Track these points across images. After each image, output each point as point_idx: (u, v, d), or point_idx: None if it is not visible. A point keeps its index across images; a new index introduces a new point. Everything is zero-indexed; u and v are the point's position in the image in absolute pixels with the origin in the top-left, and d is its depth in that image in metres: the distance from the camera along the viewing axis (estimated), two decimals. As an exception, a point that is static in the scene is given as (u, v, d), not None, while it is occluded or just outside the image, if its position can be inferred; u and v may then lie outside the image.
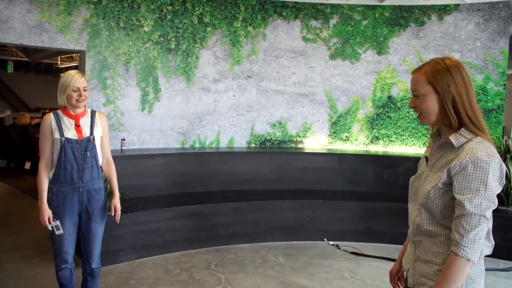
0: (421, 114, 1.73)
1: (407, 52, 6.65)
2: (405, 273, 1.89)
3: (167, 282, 4.14)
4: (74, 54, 10.52)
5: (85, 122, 3.06)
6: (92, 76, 5.65)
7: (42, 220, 2.93)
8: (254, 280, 4.26)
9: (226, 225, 5.21)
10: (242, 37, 6.50)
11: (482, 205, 1.56)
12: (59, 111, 3.04)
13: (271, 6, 6.55)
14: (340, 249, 5.18)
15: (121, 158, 5.41)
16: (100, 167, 3.16)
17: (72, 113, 3.03)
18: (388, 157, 6.25)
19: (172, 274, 4.34)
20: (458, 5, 6.44)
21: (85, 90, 2.98)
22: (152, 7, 5.95)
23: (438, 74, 1.65)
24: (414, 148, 6.67)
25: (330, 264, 4.66)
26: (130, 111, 5.97)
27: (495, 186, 1.57)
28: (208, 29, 6.32)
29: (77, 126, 3.01)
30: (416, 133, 6.66)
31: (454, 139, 1.64)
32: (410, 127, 6.67)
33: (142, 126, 6.08)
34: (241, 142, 6.65)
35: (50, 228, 2.96)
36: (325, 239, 5.41)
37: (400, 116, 6.69)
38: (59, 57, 13.13)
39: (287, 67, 6.69)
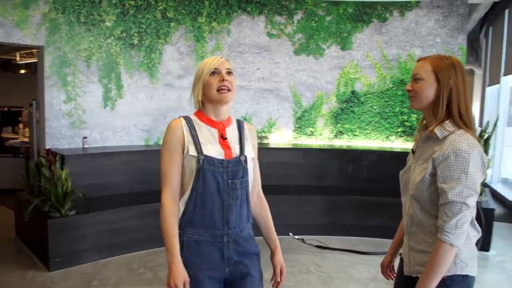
0: (414, 97, 1.81)
1: (370, 47, 6.75)
2: (397, 263, 2.05)
3: (131, 282, 4.09)
4: (34, 50, 10.24)
5: (231, 134, 1.94)
6: (52, 73, 5.51)
7: (172, 285, 1.77)
8: (219, 277, 4.25)
9: (191, 222, 5.17)
10: (207, 33, 6.45)
11: (463, 193, 1.65)
12: (192, 116, 1.97)
13: (235, 2, 6.52)
14: (305, 243, 5.23)
15: (82, 157, 5.32)
16: None
17: (214, 118, 1.93)
18: (352, 151, 6.35)
19: (136, 273, 4.29)
20: (419, 2, 6.58)
21: (229, 74, 1.90)
22: (114, 1, 5.83)
23: (443, 66, 1.75)
24: (377, 142, 6.80)
25: (295, 258, 4.70)
26: (92, 108, 5.86)
27: (477, 175, 1.66)
28: (172, 24, 6.25)
29: (223, 138, 1.90)
30: (379, 127, 6.78)
31: (438, 131, 1.74)
32: (373, 122, 6.79)
33: (105, 124, 5.97)
34: (206, 138, 6.60)
35: None
36: (291, 234, 5.45)
37: (364, 111, 6.80)
38: (18, 53, 12.71)
39: (252, 62, 6.69)
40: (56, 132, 5.64)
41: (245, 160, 1.90)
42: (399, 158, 5.83)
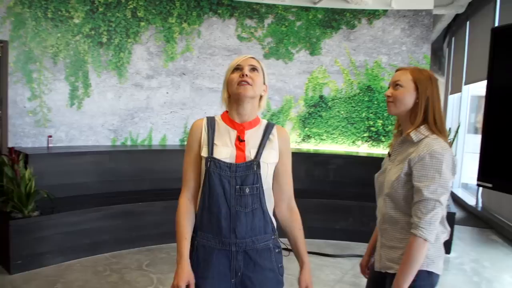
0: (393, 103, 1.96)
1: (338, 53, 6.86)
2: (372, 259, 2.18)
3: (96, 285, 4.01)
4: None
5: (253, 137, 1.85)
6: (16, 69, 5.36)
7: (175, 284, 1.77)
8: (187, 279, 4.22)
9: (158, 224, 5.13)
10: (177, 34, 6.42)
11: (437, 191, 1.78)
12: (217, 117, 1.93)
13: (206, 4, 6.51)
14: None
15: (47, 156, 5.19)
16: (274, 216, 1.94)
17: (236, 118, 1.86)
18: (319, 155, 6.42)
19: (102, 276, 4.21)
20: (386, 10, 6.74)
21: (253, 70, 1.84)
22: (82, -2, 5.73)
23: (422, 78, 1.92)
24: (344, 146, 6.91)
25: (262, 261, 4.71)
26: (58, 106, 5.72)
27: (448, 175, 1.81)
28: (142, 24, 6.18)
29: (240, 141, 1.83)
30: (346, 131, 6.89)
31: (414, 135, 1.89)
32: (340, 126, 6.90)
33: (71, 123, 5.84)
34: (174, 140, 6.57)
35: None
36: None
37: (331, 115, 6.90)
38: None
39: (222, 65, 6.69)
40: (19, 130, 5.48)
41: (258, 165, 1.77)
42: (365, 162, 6.00)
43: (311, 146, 6.96)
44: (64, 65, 5.71)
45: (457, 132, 6.35)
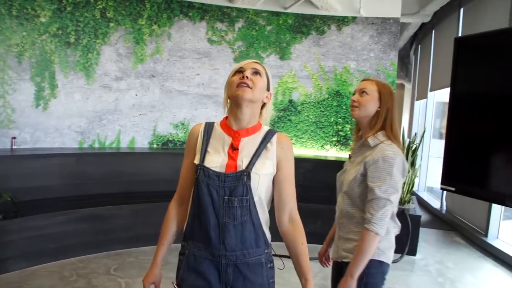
0: (358, 107, 2.17)
1: (308, 58, 6.93)
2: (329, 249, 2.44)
3: (62, 290, 3.94)
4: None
5: (248, 145, 1.73)
6: (-21, 68, 5.21)
7: (143, 283, 1.88)
8: (155, 283, 4.19)
9: (126, 227, 5.07)
10: (147, 35, 6.36)
11: (388, 191, 2.00)
12: (216, 123, 1.84)
13: (177, 6, 6.49)
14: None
15: (11, 158, 5.06)
16: (272, 227, 1.83)
17: (234, 125, 1.77)
18: (289, 159, 6.44)
19: (68, 281, 4.13)
20: (355, 18, 6.86)
21: (256, 74, 1.76)
22: (49, -3, 5.62)
23: (385, 91, 2.16)
24: (313, 150, 6.98)
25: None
26: (22, 107, 5.59)
27: (399, 177, 2.03)
28: (111, 24, 6.11)
29: (233, 149, 1.72)
30: (315, 136, 6.97)
31: (371, 140, 2.11)
32: (309, 130, 6.97)
33: (36, 124, 5.71)
34: (142, 143, 6.51)
35: None
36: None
37: (300, 120, 6.96)
38: None
39: (192, 67, 6.67)
40: (-19, 131, 5.34)
41: (248, 176, 1.65)
42: (334, 166, 6.06)
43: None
44: (30, 64, 5.58)
45: (422, 137, 6.50)
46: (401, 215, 5.31)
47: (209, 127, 1.80)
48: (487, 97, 2.50)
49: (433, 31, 9.07)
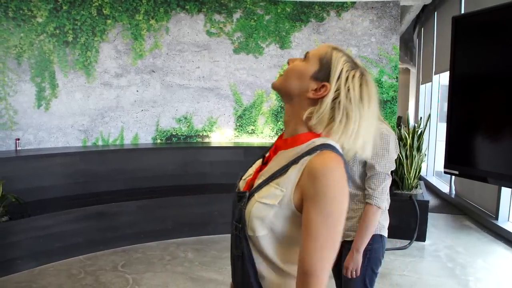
0: None
1: (308, 46, 6.86)
2: None
3: (70, 288, 3.95)
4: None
5: (279, 161, 1.23)
6: (-21, 71, 5.21)
7: None
8: (162, 278, 4.19)
9: (132, 224, 5.07)
10: (145, 31, 6.33)
11: (386, 166, 2.14)
12: None
13: (174, 0, 6.45)
14: (249, 241, 5.25)
15: (15, 160, 5.07)
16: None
17: (284, 133, 1.30)
18: (293, 149, 6.41)
19: (76, 279, 4.14)
20: (354, 2, 6.77)
21: (304, 58, 1.27)
22: (45, -3, 5.60)
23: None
24: (317, 139, 6.91)
25: (239, 257, 4.70)
26: (24, 108, 5.59)
27: (393, 153, 2.18)
28: (109, 21, 6.07)
29: (264, 163, 1.32)
30: (319, 124, 6.90)
31: None
32: (313, 119, 6.90)
33: (39, 125, 5.72)
34: (146, 139, 6.50)
35: None
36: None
37: (304, 109, 6.90)
38: None
39: (191, 61, 6.63)
40: (-16, 134, 5.35)
41: (247, 199, 1.22)
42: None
43: (285, 139, 6.95)
44: (29, 65, 5.58)
45: (428, 121, 6.43)
46: (409, 200, 5.26)
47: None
48: (488, 78, 2.45)
49: (436, 12, 8.94)
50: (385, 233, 2.28)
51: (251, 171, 1.33)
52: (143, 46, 6.34)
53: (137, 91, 6.37)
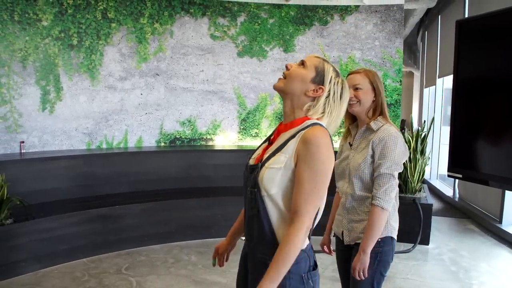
0: (358, 102, 2.26)
1: (312, 50, 6.88)
2: (334, 238, 2.49)
3: (74, 291, 3.96)
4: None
5: (281, 140, 1.66)
6: (-16, 74, 5.24)
7: None
8: (166, 281, 4.20)
9: (136, 226, 5.08)
10: (149, 34, 6.35)
11: (391, 167, 2.14)
12: None
13: (178, 3, 6.46)
14: (252, 244, 5.25)
15: (20, 162, 5.09)
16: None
17: (283, 121, 1.76)
18: (297, 152, 6.41)
19: (80, 281, 4.15)
20: (358, 6, 6.79)
21: (300, 64, 1.71)
22: (50, 0, 5.62)
23: (375, 78, 2.27)
24: (321, 142, 6.92)
25: (242, 260, 4.71)
26: (29, 111, 5.62)
27: (401, 154, 2.17)
28: (113, 25, 6.11)
29: (270, 143, 1.74)
30: (323, 128, 6.91)
31: (373, 124, 2.23)
32: (317, 123, 6.91)
33: (44, 127, 5.74)
34: (150, 142, 6.52)
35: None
36: (238, 235, 5.45)
37: (307, 112, 6.91)
38: None
39: (195, 64, 6.65)
40: (-11, 137, 5.38)
41: (258, 169, 1.61)
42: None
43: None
44: (34, 69, 5.61)
45: (431, 124, 6.42)
46: (412, 204, 5.25)
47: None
48: (492, 81, 2.45)
49: (439, 16, 8.95)
50: (395, 235, 2.28)
51: (259, 151, 1.74)
52: (148, 50, 6.37)
53: (141, 94, 6.39)
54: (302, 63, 1.69)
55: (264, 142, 1.78)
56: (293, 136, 1.59)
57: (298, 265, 1.58)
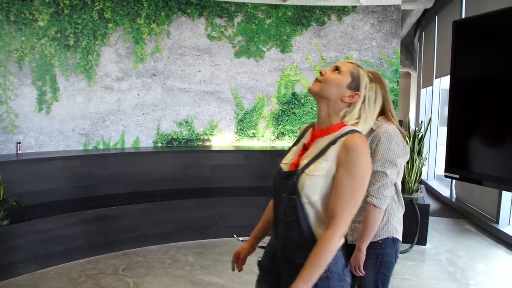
0: None
1: (309, 50, 6.88)
2: None
3: (71, 292, 3.95)
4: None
5: (318, 146, 1.66)
6: (-20, 75, 5.22)
7: None
8: (163, 281, 4.19)
9: (133, 227, 5.07)
10: (146, 34, 6.34)
11: (384, 164, 2.15)
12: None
13: (175, 3, 6.45)
14: (249, 245, 5.24)
15: (16, 163, 5.07)
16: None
17: (316, 125, 1.76)
18: (294, 153, 6.42)
19: (77, 282, 4.14)
20: (355, 6, 6.79)
21: (335, 70, 1.71)
22: (47, 0, 5.61)
23: (377, 80, 2.14)
24: (318, 143, 6.92)
25: (240, 261, 4.70)
26: (25, 112, 5.60)
27: (397, 153, 2.17)
28: (110, 25, 6.09)
29: (304, 149, 1.72)
30: (320, 128, 6.91)
31: (373, 124, 2.22)
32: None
33: (40, 128, 5.72)
34: (147, 142, 6.50)
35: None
36: (235, 236, 5.44)
37: (304, 112, 6.92)
38: None
39: (192, 65, 6.64)
40: (-14, 137, 5.36)
41: (298, 175, 1.61)
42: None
43: (285, 143, 6.96)
44: (30, 69, 5.59)
45: (428, 125, 6.42)
46: (409, 204, 5.26)
47: (308, 126, 1.85)
48: (489, 82, 2.45)
49: (436, 17, 8.97)
50: (399, 236, 2.30)
51: (291, 156, 1.74)
52: (144, 50, 6.36)
53: (138, 94, 6.38)
54: (337, 69, 1.70)
55: (294, 145, 1.80)
56: (333, 143, 1.61)
57: (336, 265, 1.62)
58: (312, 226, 1.61)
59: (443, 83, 8.85)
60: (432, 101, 9.14)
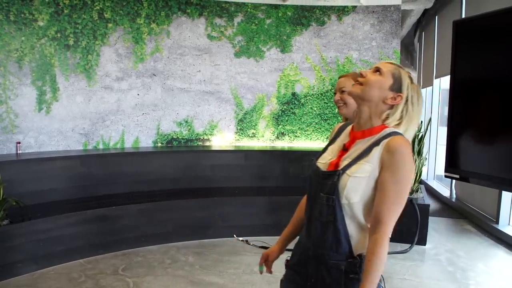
0: (344, 105, 2.33)
1: (309, 50, 6.88)
2: None
3: (70, 292, 3.95)
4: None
5: (359, 148, 1.65)
6: (-20, 75, 5.22)
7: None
8: (163, 281, 4.19)
9: (133, 227, 5.07)
10: (146, 34, 6.34)
11: None
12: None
13: (175, 3, 6.45)
14: (249, 244, 5.23)
15: (16, 163, 5.07)
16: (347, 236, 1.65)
17: (355, 126, 1.74)
18: (293, 152, 6.43)
19: (77, 282, 4.13)
20: (355, 6, 6.79)
21: (375, 72, 1.69)
22: (47, 0, 5.60)
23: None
24: (318, 142, 6.93)
25: (239, 260, 4.71)
26: (25, 112, 5.60)
27: None
28: (110, 25, 6.09)
29: (343, 149, 1.71)
30: (319, 128, 6.92)
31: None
32: (314, 123, 6.92)
33: (40, 128, 5.72)
34: (147, 142, 6.50)
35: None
36: (235, 236, 5.44)
37: (304, 112, 6.92)
38: None
39: (192, 64, 6.64)
40: (-15, 137, 5.35)
41: (338, 176, 1.60)
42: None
43: (285, 143, 6.96)
44: (30, 69, 5.59)
45: (428, 125, 6.43)
46: (409, 204, 5.25)
47: (344, 126, 1.83)
48: (489, 82, 2.45)
49: (436, 17, 8.96)
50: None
51: (329, 156, 1.73)
52: (144, 50, 6.36)
53: (138, 94, 6.38)
54: (377, 70, 1.67)
55: (329, 144, 1.80)
56: (375, 144, 1.59)
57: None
58: (348, 229, 1.61)
59: (443, 83, 8.85)
60: (432, 101, 9.13)
